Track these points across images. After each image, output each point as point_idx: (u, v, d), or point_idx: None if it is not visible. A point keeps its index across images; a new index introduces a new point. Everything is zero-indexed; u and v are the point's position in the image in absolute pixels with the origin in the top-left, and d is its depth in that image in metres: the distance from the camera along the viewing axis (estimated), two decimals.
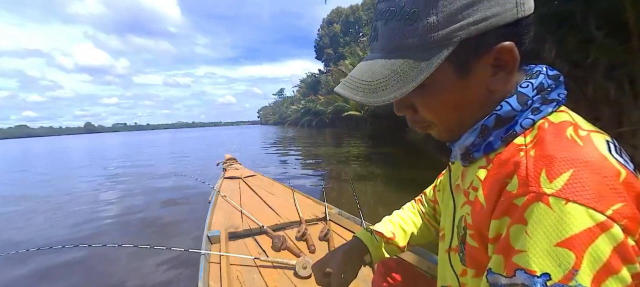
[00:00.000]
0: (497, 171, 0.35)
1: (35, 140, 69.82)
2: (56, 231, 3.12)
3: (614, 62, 3.32)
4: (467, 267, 0.40)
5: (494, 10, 0.32)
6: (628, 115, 3.33)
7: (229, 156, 4.59)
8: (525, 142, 0.34)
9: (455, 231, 0.44)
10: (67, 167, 9.64)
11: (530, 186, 0.29)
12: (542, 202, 0.28)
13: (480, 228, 0.36)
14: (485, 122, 0.38)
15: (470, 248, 0.38)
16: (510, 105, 0.36)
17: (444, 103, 0.38)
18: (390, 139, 10.75)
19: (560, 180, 0.28)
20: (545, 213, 0.28)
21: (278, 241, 1.53)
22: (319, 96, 28.06)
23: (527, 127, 0.35)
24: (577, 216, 0.26)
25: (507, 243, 0.30)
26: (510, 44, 0.33)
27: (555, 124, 0.34)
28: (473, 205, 0.38)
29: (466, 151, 0.41)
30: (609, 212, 0.26)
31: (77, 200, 4.51)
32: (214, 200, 2.31)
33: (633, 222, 0.26)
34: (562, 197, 0.27)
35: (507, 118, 0.36)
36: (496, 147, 0.37)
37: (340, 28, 41.39)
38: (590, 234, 0.26)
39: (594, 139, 0.32)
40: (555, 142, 0.32)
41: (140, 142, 24.55)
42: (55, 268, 2.20)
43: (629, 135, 3.29)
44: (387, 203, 3.49)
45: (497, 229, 0.32)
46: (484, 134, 0.38)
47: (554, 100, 0.36)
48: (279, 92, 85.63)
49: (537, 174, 0.30)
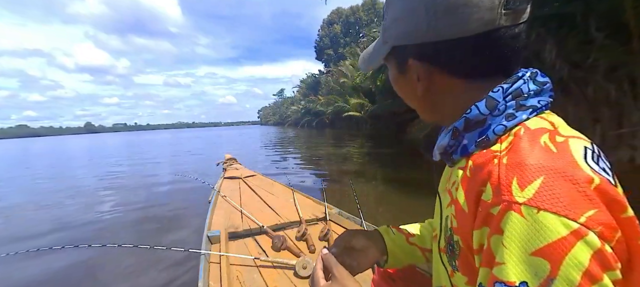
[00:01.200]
0: (473, 176, 0.35)
1: (35, 140, 69.86)
2: (56, 231, 3.12)
3: (614, 63, 3.33)
4: (456, 271, 0.40)
5: (408, 29, 0.39)
6: (628, 116, 3.33)
7: (229, 156, 4.59)
8: (500, 149, 0.34)
9: (443, 232, 0.44)
10: (67, 166, 9.64)
11: (503, 195, 0.29)
12: (515, 212, 0.28)
13: (465, 236, 0.36)
14: (455, 124, 0.39)
15: (460, 252, 0.38)
16: (478, 109, 0.37)
17: (399, 90, 0.47)
18: (390, 140, 10.75)
19: (531, 188, 0.28)
20: (518, 222, 0.27)
21: (278, 241, 1.53)
22: (319, 97, 28.09)
23: (500, 133, 0.35)
24: (549, 225, 0.26)
25: (490, 255, 0.30)
26: (414, 61, 0.40)
27: (531, 130, 0.34)
28: (456, 206, 0.38)
29: (444, 152, 0.42)
30: (582, 220, 0.26)
31: (77, 200, 4.52)
32: (214, 200, 2.31)
33: (608, 229, 0.26)
34: (533, 206, 0.27)
35: (477, 121, 0.37)
36: (471, 151, 0.38)
37: (340, 29, 41.43)
38: (565, 242, 0.25)
39: (571, 145, 0.31)
40: (527, 150, 0.31)
41: (141, 142, 24.56)
42: (55, 268, 2.20)
43: (629, 136, 3.29)
44: (387, 203, 3.49)
45: (479, 240, 0.32)
46: (455, 135, 0.39)
47: (531, 107, 0.36)
48: (279, 93, 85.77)
49: (509, 182, 0.30)
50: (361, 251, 0.58)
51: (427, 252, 0.63)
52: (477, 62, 0.37)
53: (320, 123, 27.93)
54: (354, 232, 0.61)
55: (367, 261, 0.59)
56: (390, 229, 0.64)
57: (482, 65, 0.38)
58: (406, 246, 0.63)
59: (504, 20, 0.34)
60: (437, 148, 0.43)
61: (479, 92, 0.38)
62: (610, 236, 0.26)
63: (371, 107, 14.80)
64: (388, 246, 0.61)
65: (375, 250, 0.60)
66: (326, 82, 26.84)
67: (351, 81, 17.43)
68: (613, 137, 3.38)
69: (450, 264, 0.41)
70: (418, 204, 3.18)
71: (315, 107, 28.67)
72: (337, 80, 20.47)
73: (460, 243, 0.38)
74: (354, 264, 0.57)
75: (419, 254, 0.63)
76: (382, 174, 5.35)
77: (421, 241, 0.63)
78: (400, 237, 0.63)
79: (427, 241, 0.63)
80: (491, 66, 0.37)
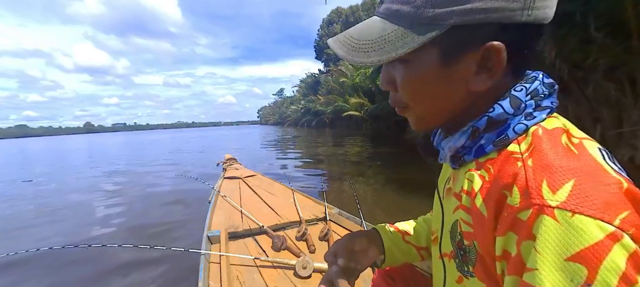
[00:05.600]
0: (494, 180, 0.34)
1: (34, 140, 69.80)
2: (56, 232, 3.12)
3: (614, 63, 3.32)
4: (468, 277, 0.39)
5: (495, 4, 0.31)
6: (628, 116, 3.33)
7: (229, 156, 4.59)
8: (521, 150, 0.33)
9: (448, 236, 0.43)
10: (67, 166, 9.63)
11: (533, 198, 0.28)
12: (548, 215, 0.27)
13: (484, 242, 0.34)
14: (476, 124, 0.37)
15: (477, 257, 0.37)
16: (502, 108, 0.35)
17: (421, 87, 0.37)
18: (390, 139, 10.75)
19: (563, 191, 0.27)
20: (552, 227, 0.26)
21: (278, 241, 1.53)
22: (318, 96, 28.07)
23: (520, 132, 0.34)
24: (585, 229, 0.25)
25: (519, 262, 0.29)
26: (500, 45, 0.32)
27: (549, 130, 0.33)
28: (470, 213, 0.37)
29: (456, 153, 0.40)
30: (616, 223, 0.25)
31: (77, 200, 4.51)
32: (214, 200, 2.31)
33: (639, 231, 0.26)
34: (567, 209, 0.26)
35: (498, 121, 0.35)
36: (488, 151, 0.36)
37: (340, 28, 41.38)
38: (603, 246, 0.25)
39: (587, 146, 0.31)
40: (551, 151, 0.31)
41: (140, 142, 24.55)
42: (55, 269, 2.20)
43: (629, 135, 3.29)
44: (387, 203, 3.49)
45: (503, 246, 0.31)
46: (474, 136, 0.37)
47: (547, 108, 0.35)
48: (279, 92, 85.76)
49: (539, 185, 0.28)
50: (361, 252, 0.58)
51: (422, 250, 0.63)
52: (527, 55, 0.36)
53: (320, 123, 27.94)
54: (355, 235, 0.61)
55: (367, 260, 0.59)
56: (388, 227, 0.64)
57: (525, 60, 0.36)
58: (402, 244, 0.63)
59: (535, 15, 0.32)
60: (448, 149, 0.41)
61: (499, 91, 0.36)
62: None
63: (371, 106, 14.80)
64: (385, 245, 0.61)
65: (374, 249, 0.60)
66: (326, 81, 26.83)
67: (351, 80, 17.44)
68: (613, 136, 3.39)
69: (459, 270, 0.40)
70: (418, 203, 3.18)
71: (315, 107, 28.67)
72: (336, 79, 20.47)
73: (477, 248, 0.36)
74: (356, 267, 0.57)
75: (414, 253, 0.63)
76: (382, 173, 5.34)
77: (416, 240, 0.64)
78: (397, 235, 0.63)
79: (421, 239, 0.63)
80: (525, 63, 0.37)
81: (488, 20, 0.31)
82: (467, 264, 0.38)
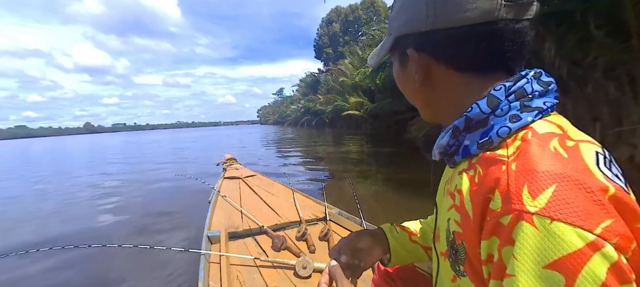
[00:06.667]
0: (479, 182, 0.34)
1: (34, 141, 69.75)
2: (55, 232, 3.12)
3: (613, 61, 3.33)
4: (460, 276, 0.39)
5: (407, 18, 0.39)
6: (628, 114, 3.33)
7: (229, 155, 4.59)
8: (507, 154, 0.32)
9: (443, 234, 0.43)
10: (66, 166, 9.63)
11: (513, 204, 0.28)
12: (526, 222, 0.27)
13: (471, 244, 0.34)
14: (455, 123, 0.38)
15: (466, 258, 0.37)
16: (479, 108, 0.35)
17: (401, 85, 0.46)
18: (390, 139, 10.74)
19: (543, 197, 0.27)
20: (530, 233, 0.26)
21: (278, 241, 1.53)
22: (318, 96, 28.06)
23: (505, 135, 0.34)
24: (564, 236, 0.25)
25: (501, 267, 0.29)
26: (411, 51, 0.39)
27: (540, 134, 0.32)
28: (460, 212, 0.37)
29: (444, 151, 0.41)
30: (598, 231, 0.25)
31: (77, 200, 4.51)
32: (214, 200, 2.31)
33: (624, 240, 0.25)
34: (546, 216, 0.26)
35: (478, 121, 0.36)
36: (474, 153, 0.37)
37: (339, 27, 41.36)
38: (581, 255, 0.24)
39: (582, 150, 0.30)
40: (537, 155, 0.30)
41: (140, 142, 24.54)
42: (55, 269, 2.20)
43: (629, 134, 3.29)
44: (387, 203, 3.49)
45: (487, 250, 0.31)
46: (455, 135, 0.38)
47: (537, 109, 0.34)
48: (279, 92, 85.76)
49: (519, 190, 0.28)
50: (366, 250, 0.59)
51: (429, 250, 0.63)
52: (474, 55, 0.36)
53: (320, 122, 27.92)
54: (360, 234, 0.61)
55: (371, 259, 0.59)
56: (394, 227, 0.64)
57: (479, 58, 0.36)
58: (409, 244, 0.63)
59: (505, 13, 0.33)
60: (436, 147, 0.42)
61: (479, 90, 0.37)
62: (626, 247, 0.25)
63: (371, 106, 14.78)
64: (391, 245, 0.61)
65: (379, 249, 0.60)
66: (325, 81, 26.81)
67: (351, 80, 17.42)
68: (612, 135, 3.39)
69: (453, 268, 0.40)
70: (418, 203, 3.18)
71: (314, 107, 28.65)
72: (336, 79, 20.45)
73: (465, 249, 0.36)
74: (359, 264, 0.57)
75: (421, 253, 0.63)
76: (382, 173, 5.35)
77: (423, 239, 0.63)
78: (404, 235, 0.63)
79: (428, 239, 0.63)
80: (490, 61, 0.36)
81: (408, 31, 0.40)
82: (458, 264, 0.39)
